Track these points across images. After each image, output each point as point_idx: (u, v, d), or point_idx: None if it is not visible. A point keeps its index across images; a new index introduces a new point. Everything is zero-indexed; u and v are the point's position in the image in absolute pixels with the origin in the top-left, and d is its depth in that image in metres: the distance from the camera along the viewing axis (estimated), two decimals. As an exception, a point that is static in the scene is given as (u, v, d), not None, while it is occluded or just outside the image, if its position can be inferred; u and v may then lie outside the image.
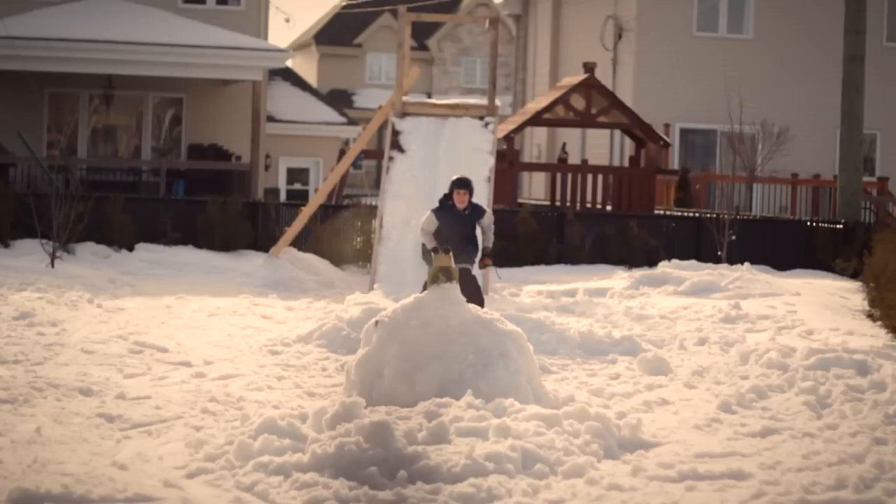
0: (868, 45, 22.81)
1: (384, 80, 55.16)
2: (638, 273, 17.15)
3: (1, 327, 11.59)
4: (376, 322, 8.94)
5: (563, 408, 8.24)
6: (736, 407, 9.16)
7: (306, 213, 18.62)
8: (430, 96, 50.53)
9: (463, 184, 12.35)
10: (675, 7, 30.42)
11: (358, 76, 56.79)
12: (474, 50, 56.95)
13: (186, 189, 26.45)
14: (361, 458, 7.03)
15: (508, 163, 23.71)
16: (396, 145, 17.58)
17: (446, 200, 12.38)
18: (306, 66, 56.25)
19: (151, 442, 7.87)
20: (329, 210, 20.13)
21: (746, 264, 16.81)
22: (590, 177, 23.97)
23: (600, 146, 31.52)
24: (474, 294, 11.56)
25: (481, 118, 17.79)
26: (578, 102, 24.17)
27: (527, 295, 16.24)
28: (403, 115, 17.89)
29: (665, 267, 16.87)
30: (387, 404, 8.38)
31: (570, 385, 10.02)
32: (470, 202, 12.46)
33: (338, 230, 19.55)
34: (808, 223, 21.77)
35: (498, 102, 18.14)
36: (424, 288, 9.68)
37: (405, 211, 16.79)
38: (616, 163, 30.26)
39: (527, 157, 35.82)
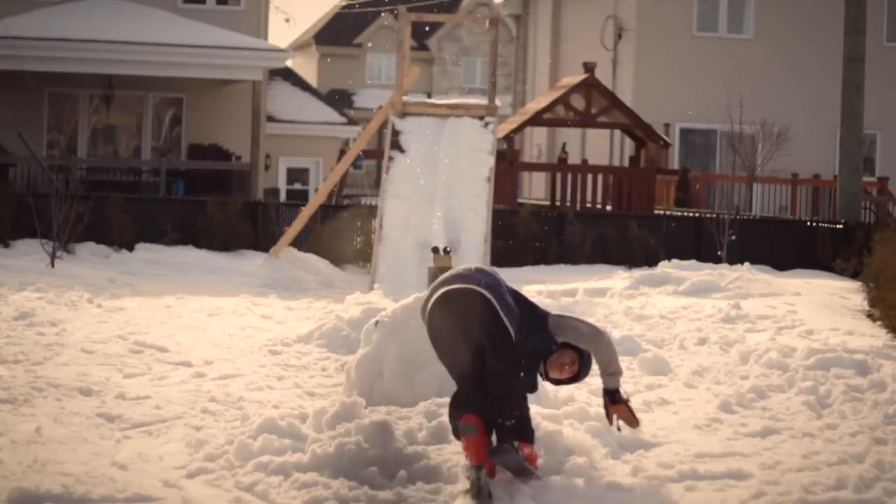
0: (868, 45, 22.81)
1: (384, 80, 55.17)
2: (638, 273, 17.13)
3: (1, 327, 11.59)
4: (376, 322, 8.93)
5: (563, 408, 8.24)
6: (736, 407, 9.15)
7: (306, 213, 18.62)
8: (430, 96, 50.55)
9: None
10: (675, 7, 30.43)
11: (358, 76, 56.80)
12: (474, 50, 56.95)
13: (186, 189, 26.46)
14: (361, 458, 7.03)
15: (508, 163, 23.72)
16: (396, 145, 17.58)
17: None
18: (306, 66, 56.25)
19: (151, 442, 7.86)
20: (329, 210, 20.13)
21: (746, 264, 16.80)
22: (590, 177, 23.98)
23: (600, 146, 31.53)
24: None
25: (481, 118, 17.79)
26: (578, 102, 24.19)
27: (527, 295, 16.21)
28: (403, 115, 17.89)
29: (665, 267, 16.86)
30: (387, 404, 8.38)
31: (570, 385, 10.00)
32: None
33: (338, 230, 19.55)
34: (808, 223, 21.77)
35: (498, 102, 18.13)
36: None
37: (405, 211, 16.79)
38: (616, 163, 30.27)
39: (527, 157, 35.82)
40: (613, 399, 7.22)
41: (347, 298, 14.06)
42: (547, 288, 16.73)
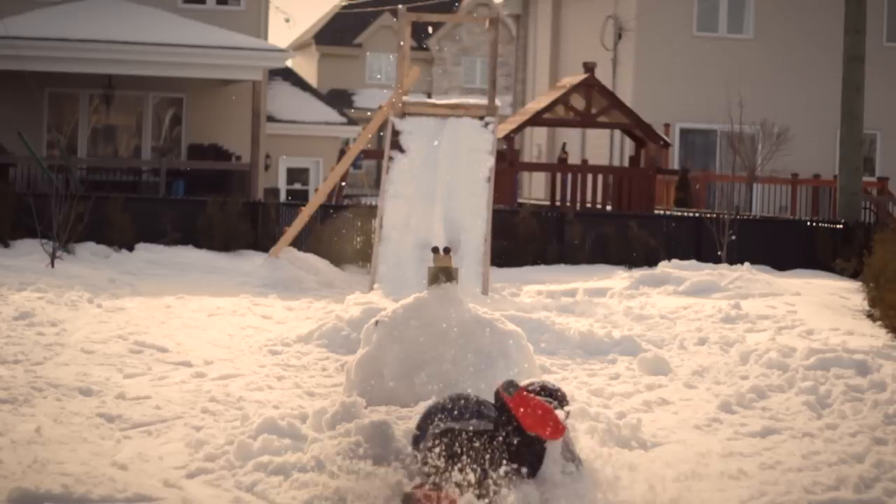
0: (868, 45, 22.82)
1: (384, 80, 55.19)
2: (638, 273, 17.15)
3: (1, 327, 11.59)
4: (376, 322, 8.93)
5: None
6: (736, 407, 9.15)
7: (306, 213, 18.62)
8: (430, 96, 50.55)
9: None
10: (675, 7, 30.44)
11: (358, 76, 56.80)
12: (474, 50, 56.97)
13: (186, 189, 26.46)
14: (361, 458, 7.03)
15: (508, 163, 23.71)
16: (396, 145, 17.57)
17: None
18: (306, 66, 56.25)
19: (151, 442, 7.87)
20: (329, 210, 20.13)
21: (746, 264, 16.81)
22: (590, 177, 23.98)
23: (600, 146, 31.53)
24: None
25: (481, 118, 17.79)
26: (578, 102, 24.18)
27: (527, 295, 16.23)
28: (403, 115, 17.88)
29: (665, 267, 16.87)
30: (387, 404, 8.38)
31: (570, 385, 10.01)
32: None
33: (338, 230, 19.54)
34: (808, 223, 21.77)
35: (498, 102, 18.13)
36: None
37: (405, 211, 16.78)
38: (616, 163, 30.27)
39: (527, 157, 35.83)
40: None
41: (347, 298, 14.06)
42: (547, 288, 16.74)
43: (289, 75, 37.65)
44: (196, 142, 29.12)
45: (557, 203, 23.66)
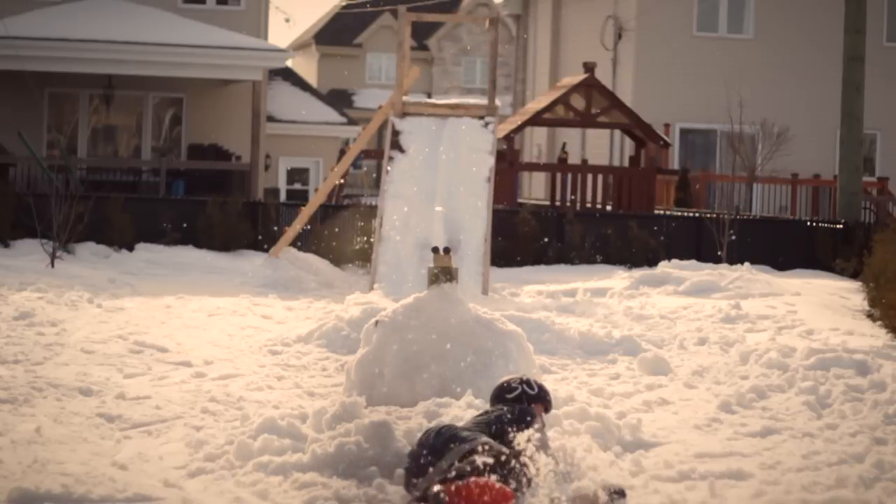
0: (868, 45, 22.82)
1: (384, 80, 55.22)
2: (638, 273, 17.15)
3: (1, 327, 11.59)
4: (376, 322, 8.93)
5: (563, 408, 8.24)
6: (736, 407, 9.15)
7: (306, 213, 18.63)
8: (430, 96, 50.54)
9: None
10: (675, 7, 30.44)
11: (358, 76, 56.82)
12: (474, 50, 56.98)
13: (186, 189, 26.47)
14: (361, 458, 7.03)
15: (508, 163, 23.72)
16: (396, 145, 17.57)
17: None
18: (306, 66, 56.27)
19: (151, 442, 7.86)
20: (329, 210, 20.14)
21: (746, 264, 16.81)
22: (590, 177, 23.98)
23: (600, 146, 31.54)
24: None
25: (481, 118, 17.79)
26: (578, 102, 24.18)
27: (527, 295, 16.23)
28: (403, 115, 17.88)
29: (665, 267, 16.87)
30: (387, 404, 8.38)
31: (570, 385, 10.01)
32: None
33: (338, 230, 19.55)
34: (808, 223, 21.77)
35: (498, 102, 18.13)
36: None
37: (405, 211, 16.78)
38: (616, 163, 30.28)
39: (527, 157, 35.83)
40: None
41: (347, 298, 14.06)
42: (547, 288, 16.74)
43: (289, 75, 37.66)
44: (196, 142, 29.12)
45: (557, 203, 23.66)
